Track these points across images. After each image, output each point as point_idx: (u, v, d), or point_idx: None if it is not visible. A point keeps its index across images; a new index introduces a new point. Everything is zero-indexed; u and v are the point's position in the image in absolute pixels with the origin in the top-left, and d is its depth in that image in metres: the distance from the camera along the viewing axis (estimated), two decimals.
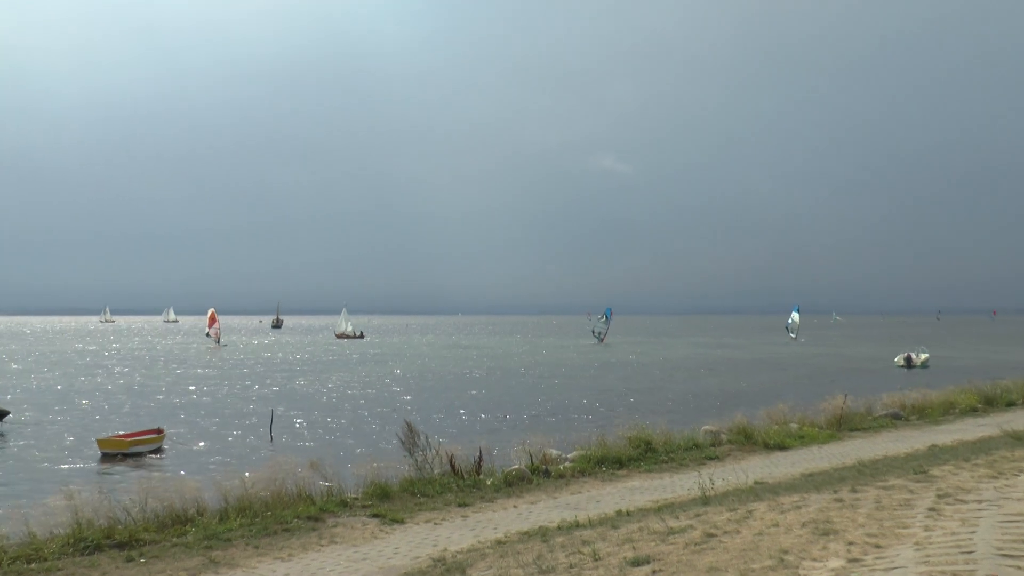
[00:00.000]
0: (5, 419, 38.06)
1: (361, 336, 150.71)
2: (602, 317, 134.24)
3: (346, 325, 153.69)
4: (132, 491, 17.56)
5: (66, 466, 28.72)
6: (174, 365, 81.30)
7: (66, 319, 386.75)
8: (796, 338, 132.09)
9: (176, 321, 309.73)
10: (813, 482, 16.74)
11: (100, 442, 31.52)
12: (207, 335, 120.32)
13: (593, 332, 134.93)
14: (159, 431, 33.37)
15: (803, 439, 26.90)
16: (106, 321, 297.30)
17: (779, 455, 24.64)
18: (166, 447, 32.44)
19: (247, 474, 18.97)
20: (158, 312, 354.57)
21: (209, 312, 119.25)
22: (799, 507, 11.83)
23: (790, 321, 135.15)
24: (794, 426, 28.84)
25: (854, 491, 12.61)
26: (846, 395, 32.07)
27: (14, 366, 79.34)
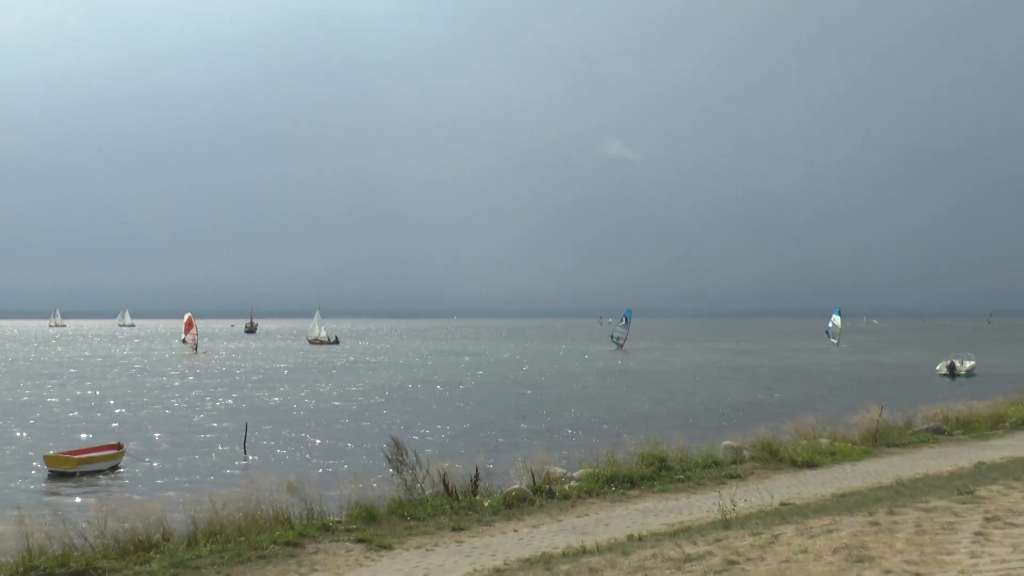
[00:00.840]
0: None
1: (336, 342, 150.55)
2: (621, 320, 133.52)
3: (319, 330, 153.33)
4: (90, 513, 17.57)
5: (13, 486, 28.70)
6: (143, 374, 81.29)
7: (8, 323, 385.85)
8: (838, 344, 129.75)
9: (133, 325, 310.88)
10: (846, 503, 16.74)
11: (47, 459, 31.44)
12: (183, 341, 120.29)
13: (612, 337, 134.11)
14: (118, 446, 33.32)
15: (834, 456, 26.90)
16: (56, 325, 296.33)
17: (808, 473, 24.64)
18: (123, 466, 32.36)
19: (218, 494, 18.96)
20: (112, 316, 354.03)
21: (186, 316, 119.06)
22: (830, 531, 11.83)
23: (831, 325, 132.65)
24: (824, 441, 28.85)
25: (891, 513, 12.61)
26: (882, 407, 32.09)
27: None
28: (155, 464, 32.89)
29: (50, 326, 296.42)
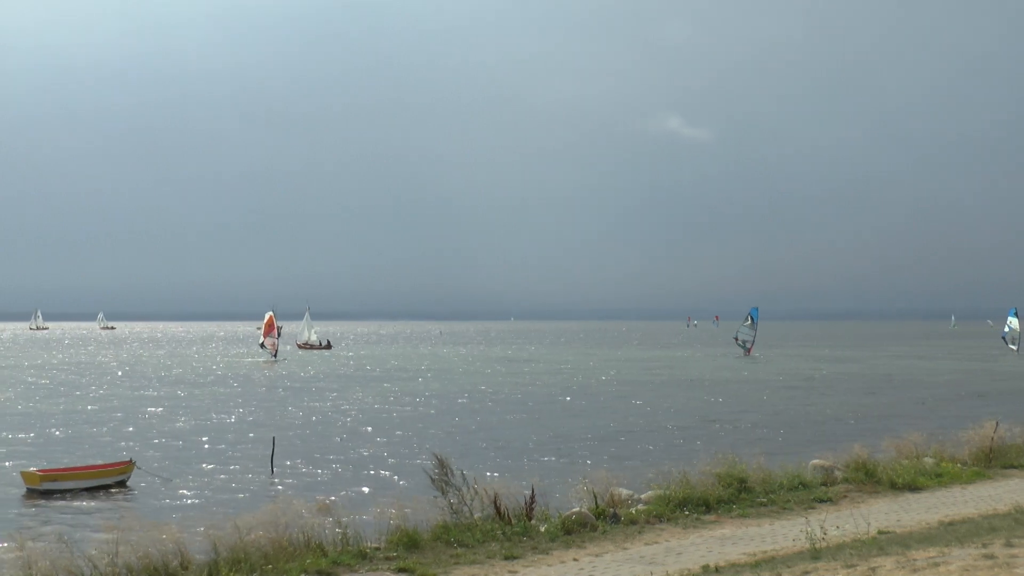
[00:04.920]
0: None
1: (328, 347, 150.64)
2: (746, 320, 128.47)
3: (309, 333, 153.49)
4: (100, 538, 17.78)
5: (15, 510, 29.10)
6: (208, 382, 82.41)
7: None
8: (1018, 350, 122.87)
9: (113, 328, 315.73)
10: (955, 533, 16.50)
11: (25, 475, 31.58)
12: (261, 346, 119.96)
13: (736, 340, 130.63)
14: (125, 464, 33.60)
15: (941, 478, 26.62)
16: (38, 328, 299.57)
17: (910, 497, 24.40)
18: (130, 484, 32.71)
19: (242, 517, 19.10)
20: (92, 317, 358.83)
21: (267, 317, 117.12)
22: (937, 565, 11.65)
23: (1007, 329, 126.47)
24: (929, 461, 28.53)
25: (1009, 545, 12.39)
26: (998, 422, 31.59)
27: None
28: (175, 481, 33.22)
29: (31, 328, 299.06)
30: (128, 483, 32.75)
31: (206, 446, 42.24)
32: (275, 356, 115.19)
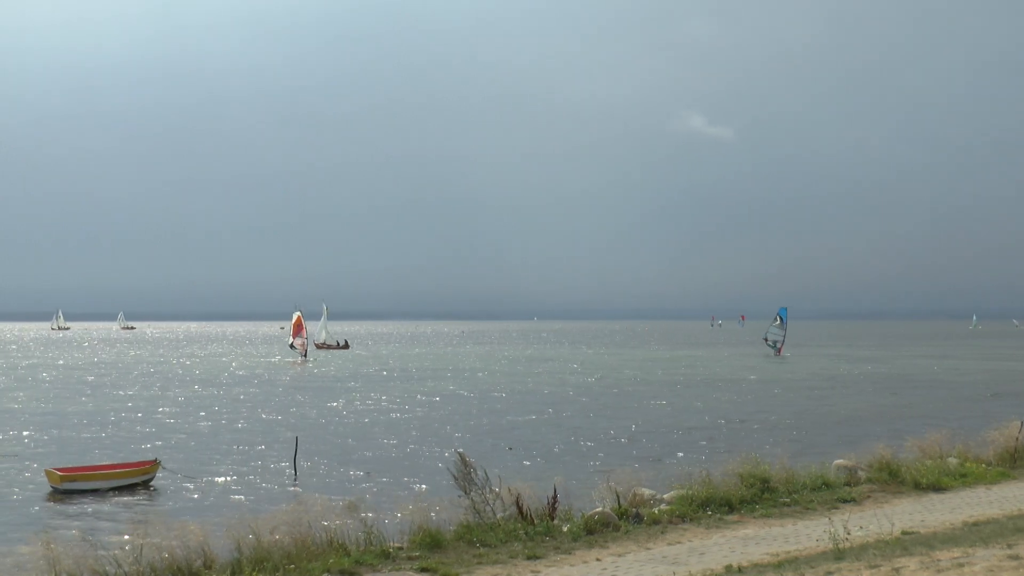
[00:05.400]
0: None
1: (346, 346, 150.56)
2: (775, 320, 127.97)
3: (324, 333, 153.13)
4: (124, 537, 17.88)
5: (37, 507, 29.34)
6: (235, 383, 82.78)
7: (6, 326, 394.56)
8: None
9: (133, 328, 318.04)
10: (979, 534, 16.43)
11: (48, 474, 31.80)
12: (291, 346, 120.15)
13: (766, 340, 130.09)
14: (150, 463, 33.74)
15: (965, 478, 26.53)
16: (60, 328, 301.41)
17: (934, 497, 24.33)
18: (154, 483, 32.89)
19: (265, 517, 19.18)
20: (112, 317, 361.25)
21: (295, 317, 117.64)
22: (961, 565, 11.61)
23: None
24: (953, 461, 28.41)
25: None
26: (1023, 422, 31.41)
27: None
28: (202, 481, 33.38)
29: (52, 329, 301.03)
30: (153, 483, 32.92)
31: (229, 446, 42.39)
32: (305, 356, 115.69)
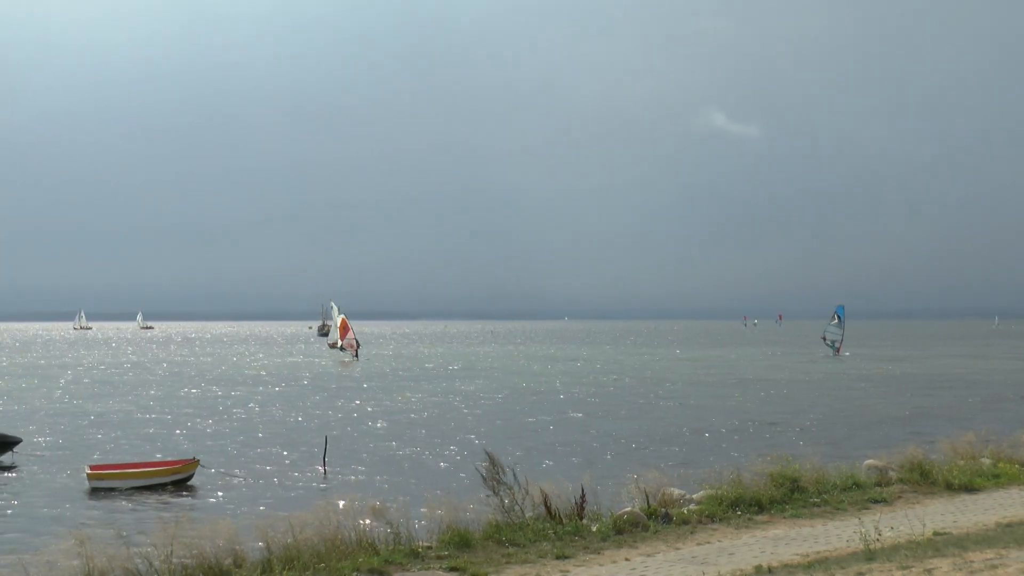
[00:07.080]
0: (15, 449, 38.68)
1: (357, 347, 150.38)
2: (833, 319, 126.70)
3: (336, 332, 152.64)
4: (155, 535, 17.97)
5: (70, 505, 29.55)
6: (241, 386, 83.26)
7: (27, 326, 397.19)
8: None
9: (152, 328, 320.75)
10: (1013, 535, 16.30)
11: (90, 474, 32.05)
12: (339, 347, 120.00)
13: (824, 340, 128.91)
14: (188, 462, 33.92)
15: (998, 479, 26.35)
16: (81, 328, 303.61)
17: (966, 498, 24.16)
18: (196, 483, 33.11)
19: (294, 516, 19.24)
20: (132, 317, 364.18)
21: (340, 319, 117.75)
22: (994, 567, 11.51)
23: None
24: (986, 461, 28.22)
25: None
26: None
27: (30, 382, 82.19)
28: (236, 480, 33.56)
29: (75, 328, 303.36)
30: (192, 482, 33.06)
31: (259, 446, 42.58)
32: (356, 356, 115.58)
